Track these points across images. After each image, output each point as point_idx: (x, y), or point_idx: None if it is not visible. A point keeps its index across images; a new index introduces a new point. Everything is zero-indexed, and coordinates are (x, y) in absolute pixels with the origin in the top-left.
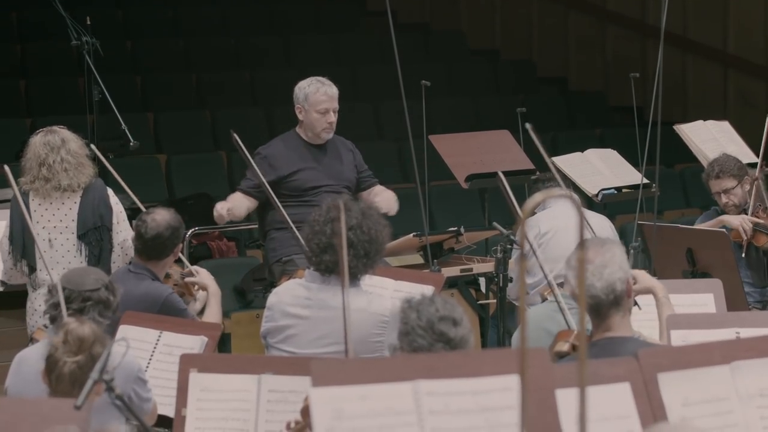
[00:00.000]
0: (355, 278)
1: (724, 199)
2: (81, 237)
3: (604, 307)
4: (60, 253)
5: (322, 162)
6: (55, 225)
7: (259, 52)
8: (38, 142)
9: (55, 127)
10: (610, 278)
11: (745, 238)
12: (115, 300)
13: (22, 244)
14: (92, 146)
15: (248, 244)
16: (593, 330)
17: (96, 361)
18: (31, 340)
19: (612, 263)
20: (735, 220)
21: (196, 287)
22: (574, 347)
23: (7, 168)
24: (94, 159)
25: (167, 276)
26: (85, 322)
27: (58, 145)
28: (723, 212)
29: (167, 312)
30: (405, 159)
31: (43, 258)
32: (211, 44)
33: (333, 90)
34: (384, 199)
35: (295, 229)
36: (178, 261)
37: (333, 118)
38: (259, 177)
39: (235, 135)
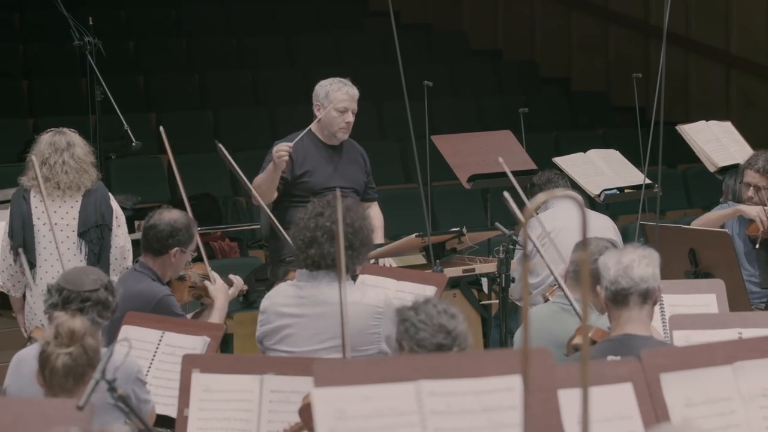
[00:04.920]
0: (345, 271)
1: (750, 193)
2: (81, 235)
3: (633, 296)
4: (60, 250)
5: (336, 163)
6: (56, 222)
7: (261, 52)
8: (45, 140)
9: (65, 129)
10: (646, 271)
11: (762, 229)
12: (114, 300)
13: (22, 240)
14: None
15: (250, 244)
16: (613, 324)
17: (88, 353)
18: (30, 339)
19: (654, 263)
20: (752, 211)
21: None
22: (593, 341)
23: None
24: (99, 167)
25: (182, 278)
26: (76, 315)
27: (62, 148)
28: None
29: (160, 313)
30: (407, 159)
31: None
32: (213, 44)
33: (354, 91)
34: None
35: (283, 231)
36: (200, 260)
37: (351, 118)
38: (246, 184)
39: (220, 145)
